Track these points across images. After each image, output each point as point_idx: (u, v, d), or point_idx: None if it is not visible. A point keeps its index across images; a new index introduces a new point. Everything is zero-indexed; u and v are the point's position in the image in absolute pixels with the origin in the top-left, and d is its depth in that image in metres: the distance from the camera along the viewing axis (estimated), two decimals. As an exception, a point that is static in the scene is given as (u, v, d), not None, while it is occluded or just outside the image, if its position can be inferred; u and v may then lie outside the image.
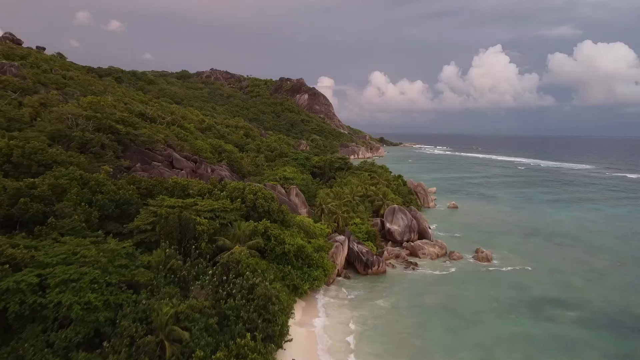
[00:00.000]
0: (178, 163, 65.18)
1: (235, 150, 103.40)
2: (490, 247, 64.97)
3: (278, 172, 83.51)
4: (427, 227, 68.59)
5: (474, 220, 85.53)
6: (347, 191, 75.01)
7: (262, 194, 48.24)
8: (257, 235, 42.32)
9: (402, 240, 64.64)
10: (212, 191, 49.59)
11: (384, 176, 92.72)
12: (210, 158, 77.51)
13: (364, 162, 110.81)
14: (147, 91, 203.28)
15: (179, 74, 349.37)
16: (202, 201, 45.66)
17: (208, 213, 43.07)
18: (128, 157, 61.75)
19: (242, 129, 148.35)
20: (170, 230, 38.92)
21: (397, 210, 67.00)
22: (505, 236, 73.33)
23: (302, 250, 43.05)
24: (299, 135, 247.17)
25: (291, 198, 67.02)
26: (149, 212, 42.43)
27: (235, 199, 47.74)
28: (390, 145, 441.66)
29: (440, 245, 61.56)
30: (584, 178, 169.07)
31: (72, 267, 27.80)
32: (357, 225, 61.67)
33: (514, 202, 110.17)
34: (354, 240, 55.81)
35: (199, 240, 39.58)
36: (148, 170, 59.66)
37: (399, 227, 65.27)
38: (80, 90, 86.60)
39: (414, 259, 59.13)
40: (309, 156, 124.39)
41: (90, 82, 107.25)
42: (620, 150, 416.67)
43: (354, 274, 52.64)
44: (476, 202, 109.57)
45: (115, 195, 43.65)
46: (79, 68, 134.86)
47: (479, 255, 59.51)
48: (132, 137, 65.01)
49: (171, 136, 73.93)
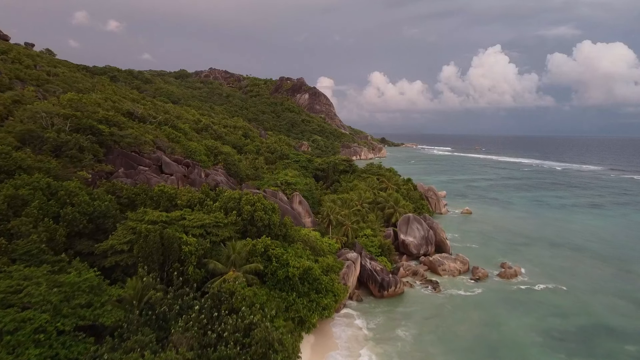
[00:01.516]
0: (168, 167, 58.39)
1: (232, 152, 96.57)
2: (515, 261, 58.40)
3: (279, 177, 76.76)
4: (444, 238, 61.85)
5: (491, 228, 78.79)
6: (354, 197, 68.30)
7: (261, 204, 41.47)
8: (256, 256, 35.60)
9: (418, 254, 57.87)
10: (203, 201, 42.84)
11: (392, 180, 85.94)
12: (205, 161, 70.74)
13: (371, 165, 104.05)
14: (143, 90, 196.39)
15: (177, 73, 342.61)
16: (191, 214, 38.89)
17: (197, 229, 36.33)
18: (111, 161, 54.99)
19: (241, 129, 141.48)
20: (150, 252, 32.14)
21: (412, 220, 60.20)
22: (529, 247, 66.57)
23: (309, 273, 36.29)
24: (300, 135, 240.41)
25: (294, 206, 60.25)
26: (126, 229, 35.67)
27: (230, 210, 40.99)
28: (392, 146, 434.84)
29: (462, 260, 54.78)
30: (593, 180, 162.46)
31: (9, 313, 21.03)
32: (368, 237, 54.93)
33: (528, 207, 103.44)
34: (366, 255, 49.07)
35: (186, 263, 32.83)
36: (133, 175, 52.86)
37: (415, 238, 58.50)
38: (65, 88, 79.75)
39: (433, 276, 52.38)
40: (312, 158, 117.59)
41: (78, 79, 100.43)
42: (621, 151, 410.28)
43: (366, 295, 45.89)
44: (489, 207, 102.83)
45: (89, 207, 36.83)
46: (68, 65, 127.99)
47: (506, 271, 52.75)
48: (116, 139, 58.24)
49: (161, 137, 67.18)
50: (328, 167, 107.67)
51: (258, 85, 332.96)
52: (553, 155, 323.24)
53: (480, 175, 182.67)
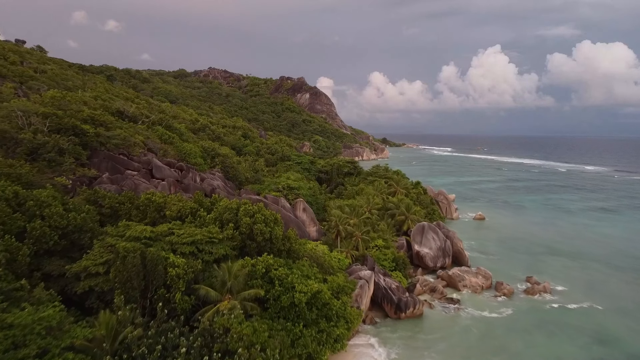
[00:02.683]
0: (159, 171, 53.11)
1: (231, 153, 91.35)
2: (540, 274, 53.23)
3: (281, 180, 71.48)
4: (462, 248, 56.60)
5: (508, 236, 73.50)
6: (362, 203, 63.03)
7: (262, 215, 36.21)
8: (256, 278, 30.35)
9: (434, 267, 52.64)
10: (196, 212, 37.58)
11: (401, 183, 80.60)
12: (201, 164, 65.48)
13: (377, 167, 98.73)
14: (140, 89, 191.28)
15: (176, 72, 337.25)
16: (180, 228, 33.64)
17: (188, 247, 31.06)
18: (95, 164, 49.73)
19: (240, 130, 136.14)
20: (129, 277, 26.86)
21: (428, 229, 54.93)
22: (552, 258, 61.27)
23: (317, 298, 31.04)
24: (301, 136, 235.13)
25: (298, 214, 55.01)
26: (104, 247, 30.46)
27: (227, 223, 35.73)
28: (393, 146, 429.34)
29: (484, 274, 49.51)
30: (601, 182, 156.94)
31: None
32: (380, 249, 49.65)
33: (542, 211, 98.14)
34: (379, 271, 43.81)
35: (172, 289, 27.58)
36: (119, 181, 47.61)
37: (431, 250, 53.23)
38: (51, 85, 74.50)
39: (453, 292, 47.12)
40: (314, 159, 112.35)
41: (68, 76, 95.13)
42: (623, 152, 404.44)
43: (381, 316, 40.67)
44: (502, 211, 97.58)
45: (62, 220, 31.59)
46: (59, 63, 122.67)
47: (534, 288, 47.49)
48: (102, 140, 52.98)
49: (153, 138, 61.89)
50: (332, 169, 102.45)
51: (258, 84, 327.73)
52: (556, 156, 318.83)
53: (486, 176, 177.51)
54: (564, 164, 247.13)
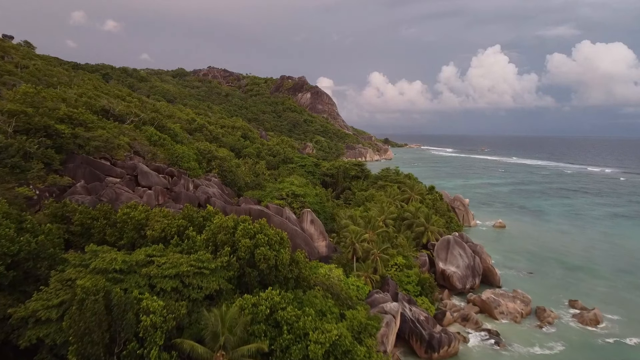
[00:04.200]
0: (145, 178, 46.17)
1: (230, 155, 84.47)
2: (585, 297, 46.28)
3: (284, 186, 64.52)
4: (492, 265, 49.73)
5: (535, 248, 66.55)
6: (376, 213, 56.08)
7: (265, 236, 29.34)
8: (258, 322, 23.45)
9: (463, 288, 45.70)
10: (184, 231, 30.67)
11: (416, 189, 73.55)
12: (195, 169, 58.53)
13: (386, 170, 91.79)
14: (137, 89, 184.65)
15: (174, 72, 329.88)
16: (163, 255, 26.72)
17: (170, 281, 24.16)
18: (70, 170, 42.79)
19: (240, 130, 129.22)
20: (88, 329, 19.99)
21: (453, 244, 48.00)
22: (592, 275, 54.36)
23: (337, 345, 24.15)
24: (302, 136, 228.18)
25: (305, 226, 48.09)
26: (61, 283, 23.60)
27: (222, 246, 28.83)
28: (395, 147, 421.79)
29: (522, 298, 42.59)
30: (616, 185, 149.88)
31: None
32: (401, 269, 42.70)
33: (566, 218, 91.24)
34: (403, 298, 36.89)
35: (147, 343, 20.70)
36: (97, 190, 40.72)
37: (458, 268, 46.29)
38: (32, 81, 67.48)
39: (488, 320, 40.21)
40: (318, 162, 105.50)
41: (54, 73, 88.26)
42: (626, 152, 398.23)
43: (407, 353, 33.83)
44: (521, 218, 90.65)
45: (11, 245, 24.75)
46: (47, 59, 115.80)
47: (584, 316, 40.58)
48: (80, 142, 46.11)
49: (141, 140, 54.95)
50: (338, 172, 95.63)
51: (258, 84, 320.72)
52: (561, 157, 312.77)
53: (494, 179, 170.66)
54: (570, 165, 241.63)
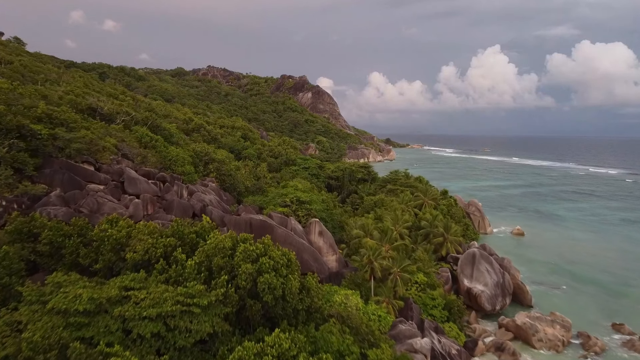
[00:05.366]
0: (132, 185, 40.90)
1: (229, 157, 79.29)
2: (628, 319, 41.03)
3: (288, 191, 59.23)
4: (521, 282, 44.47)
5: (560, 258, 61.33)
6: (389, 222, 50.84)
7: (270, 259, 24.10)
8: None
9: (493, 310, 40.42)
10: (172, 253, 25.41)
11: (429, 194, 68.22)
12: (190, 173, 53.25)
13: (395, 173, 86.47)
14: (134, 88, 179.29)
15: (173, 71, 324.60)
16: (143, 286, 21.48)
17: (150, 324, 18.91)
18: (47, 176, 37.55)
19: (240, 130, 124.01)
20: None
21: (479, 258, 42.72)
22: (630, 291, 49.06)
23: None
24: (304, 136, 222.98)
25: (312, 239, 42.80)
26: (10, 328, 18.38)
27: (217, 272, 23.60)
28: (397, 147, 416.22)
29: (562, 322, 37.31)
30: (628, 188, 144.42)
31: None
32: (423, 289, 37.44)
33: (587, 224, 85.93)
34: (429, 326, 31.64)
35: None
36: (76, 200, 35.50)
37: (487, 287, 40.99)
38: (14, 77, 62.21)
39: (526, 349, 34.98)
40: (323, 164, 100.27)
41: (42, 69, 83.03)
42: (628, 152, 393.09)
43: (437, 395, 28.57)
44: (539, 224, 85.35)
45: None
46: (37, 56, 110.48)
47: (634, 343, 35.35)
48: (60, 144, 40.87)
49: (130, 141, 49.69)
50: (343, 175, 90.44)
51: (258, 83, 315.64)
52: (564, 157, 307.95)
53: (502, 180, 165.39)
54: (574, 165, 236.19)
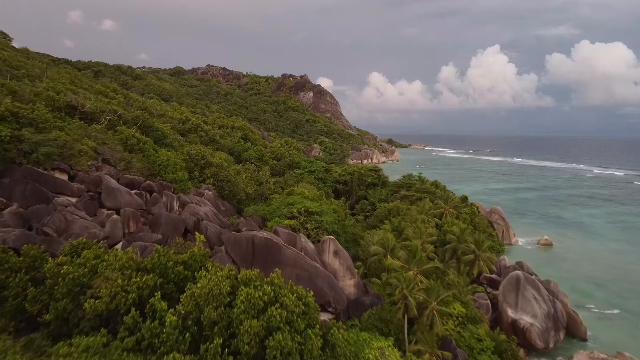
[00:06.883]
0: (111, 197, 34.17)
1: (229, 160, 72.73)
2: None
3: (295, 199, 52.49)
4: (572, 310, 37.77)
5: (600, 273, 54.76)
6: (411, 235, 44.19)
7: (284, 309, 17.48)
8: None
9: (546, 347, 33.74)
10: (149, 296, 18.73)
11: (450, 201, 61.43)
12: (184, 180, 46.56)
13: (409, 177, 79.76)
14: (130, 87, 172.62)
15: (172, 70, 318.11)
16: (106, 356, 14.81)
17: None
18: (6, 187, 30.88)
19: (240, 130, 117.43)
20: None
21: (524, 283, 36.01)
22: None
23: None
24: (305, 137, 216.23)
25: (326, 260, 36.12)
26: None
27: (210, 329, 16.93)
28: (400, 147, 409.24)
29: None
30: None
31: None
32: (464, 324, 30.73)
33: (618, 233, 79.32)
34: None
35: None
36: (39, 216, 28.82)
37: (536, 318, 34.30)
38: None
39: (593, 403, 28.33)
40: (329, 167, 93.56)
41: (26, 64, 76.52)
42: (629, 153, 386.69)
43: None
44: (565, 231, 78.72)
45: None
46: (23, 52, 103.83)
47: None
48: (26, 147, 34.27)
49: (112, 144, 43.05)
50: (352, 179, 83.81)
51: (259, 83, 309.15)
52: (570, 158, 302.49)
53: (514, 183, 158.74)
54: (581, 166, 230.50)
